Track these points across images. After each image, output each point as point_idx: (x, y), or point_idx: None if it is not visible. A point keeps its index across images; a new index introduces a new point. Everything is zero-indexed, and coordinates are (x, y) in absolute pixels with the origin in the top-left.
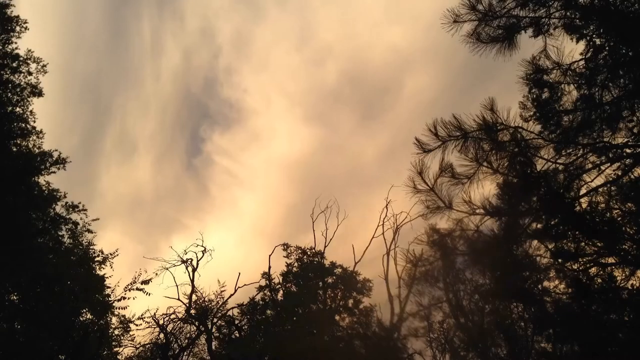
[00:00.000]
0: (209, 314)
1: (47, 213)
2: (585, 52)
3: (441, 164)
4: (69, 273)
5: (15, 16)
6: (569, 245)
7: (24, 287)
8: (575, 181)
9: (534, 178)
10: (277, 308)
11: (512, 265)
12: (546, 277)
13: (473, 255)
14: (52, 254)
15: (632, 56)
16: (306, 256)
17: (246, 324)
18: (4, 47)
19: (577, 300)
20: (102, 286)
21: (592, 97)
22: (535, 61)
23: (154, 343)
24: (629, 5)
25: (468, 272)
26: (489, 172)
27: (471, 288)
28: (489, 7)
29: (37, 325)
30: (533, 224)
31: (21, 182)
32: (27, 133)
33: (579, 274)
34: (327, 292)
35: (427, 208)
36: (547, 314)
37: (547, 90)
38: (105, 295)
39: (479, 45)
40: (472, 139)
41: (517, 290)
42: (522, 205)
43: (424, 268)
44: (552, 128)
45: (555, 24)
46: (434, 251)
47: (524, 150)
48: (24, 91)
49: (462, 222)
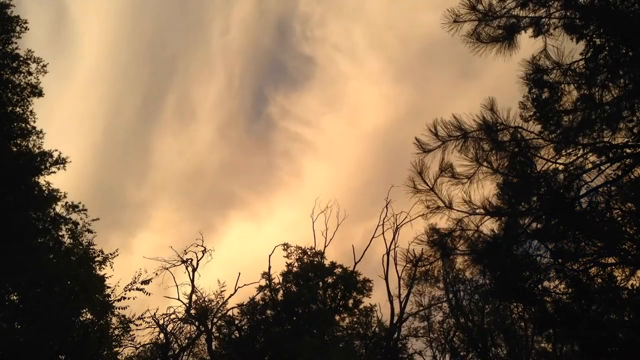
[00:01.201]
0: (209, 314)
1: (47, 213)
2: (585, 52)
3: (441, 164)
4: (69, 273)
5: (15, 16)
6: (569, 245)
7: (24, 287)
8: (575, 181)
9: (534, 178)
10: (277, 308)
11: (512, 265)
12: (546, 277)
13: (473, 255)
14: (52, 254)
15: (632, 56)
16: (306, 256)
17: (246, 324)
18: (4, 47)
19: (577, 300)
20: (102, 286)
21: (592, 97)
22: (535, 61)
23: (154, 343)
24: (629, 5)
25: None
26: (489, 172)
27: (471, 288)
28: (489, 7)
29: (37, 325)
30: (533, 224)
31: (21, 182)
32: (27, 133)
33: (579, 274)
34: (327, 292)
35: (427, 208)
36: (547, 314)
37: (547, 90)
38: (105, 295)
39: (479, 45)
40: (472, 139)
41: (517, 290)
42: (522, 205)
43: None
44: (552, 128)
45: (555, 24)
46: (434, 251)
47: (524, 150)
48: (24, 91)
49: (462, 222)
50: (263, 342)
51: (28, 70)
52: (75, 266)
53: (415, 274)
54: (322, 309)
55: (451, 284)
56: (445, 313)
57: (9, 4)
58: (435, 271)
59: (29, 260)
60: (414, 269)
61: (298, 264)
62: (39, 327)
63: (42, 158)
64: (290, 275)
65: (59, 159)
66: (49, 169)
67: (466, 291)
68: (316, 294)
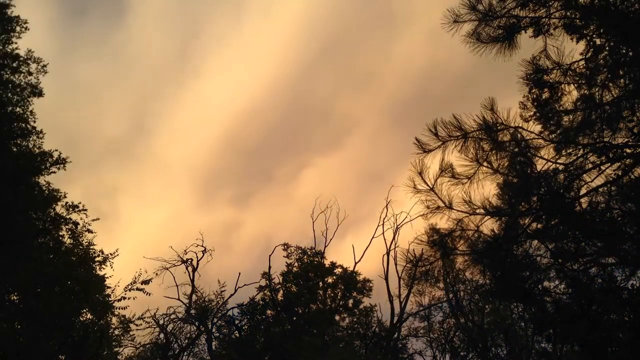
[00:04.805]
0: (209, 314)
1: (47, 213)
2: (585, 52)
3: (441, 164)
4: (69, 273)
5: (15, 16)
6: (569, 245)
7: (24, 287)
8: (575, 181)
9: (534, 178)
10: (277, 308)
11: (512, 265)
12: (546, 277)
13: (473, 255)
14: (52, 254)
15: (632, 56)
16: (306, 256)
17: (246, 324)
18: (4, 47)
19: (577, 300)
20: (102, 286)
21: (592, 97)
22: (535, 61)
23: (154, 343)
24: (629, 5)
25: (468, 272)
26: (489, 172)
27: (471, 288)
28: (489, 7)
29: (37, 325)
30: (533, 224)
31: (21, 182)
32: (27, 133)
33: (579, 274)
34: (327, 292)
35: (427, 208)
36: (547, 314)
37: (547, 90)
38: (105, 295)
39: (479, 46)
40: (472, 139)
41: (517, 290)
42: (522, 205)
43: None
44: (552, 128)
45: (555, 24)
46: (434, 251)
47: (524, 150)
48: (24, 91)
49: (462, 222)
50: (263, 342)
51: (28, 70)
52: (75, 266)
53: (415, 274)
54: (322, 309)
55: (451, 284)
56: (445, 313)
57: (9, 4)
58: (436, 271)
59: (29, 260)
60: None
61: (298, 264)
62: (39, 327)
63: (42, 158)
64: (290, 275)
65: (59, 158)
66: (49, 169)
67: (466, 291)
68: (316, 294)
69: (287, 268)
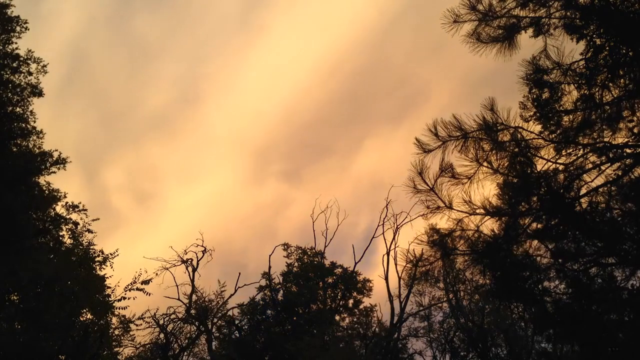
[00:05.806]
0: (209, 314)
1: (48, 213)
2: (585, 52)
3: (441, 164)
4: (69, 273)
5: (15, 16)
6: (569, 245)
7: (24, 287)
8: (575, 181)
9: (534, 178)
10: (277, 308)
11: (512, 265)
12: (546, 277)
13: (473, 256)
14: (52, 254)
15: (632, 56)
16: (306, 256)
17: (246, 324)
18: (4, 47)
19: (577, 300)
20: (102, 286)
21: (592, 97)
22: (535, 61)
23: (154, 343)
24: (629, 5)
25: (468, 272)
26: (489, 172)
27: (471, 288)
28: (489, 7)
29: (37, 325)
30: (533, 224)
31: (21, 182)
32: (27, 133)
33: (579, 274)
34: (327, 292)
35: (427, 208)
36: (547, 314)
37: (547, 90)
38: (105, 296)
39: (479, 46)
40: (472, 139)
41: (517, 290)
42: (522, 205)
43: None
44: (552, 128)
45: (555, 24)
46: (434, 251)
47: (524, 150)
48: (24, 91)
49: (462, 222)
50: (263, 342)
51: (28, 70)
52: (76, 266)
53: (415, 274)
54: (322, 309)
55: (451, 284)
56: (445, 313)
57: (9, 4)
58: (436, 271)
59: (29, 260)
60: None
61: (298, 264)
62: (39, 327)
63: (42, 158)
64: (291, 275)
65: (59, 159)
66: (49, 169)
67: (466, 291)
68: (316, 294)
69: (287, 268)
